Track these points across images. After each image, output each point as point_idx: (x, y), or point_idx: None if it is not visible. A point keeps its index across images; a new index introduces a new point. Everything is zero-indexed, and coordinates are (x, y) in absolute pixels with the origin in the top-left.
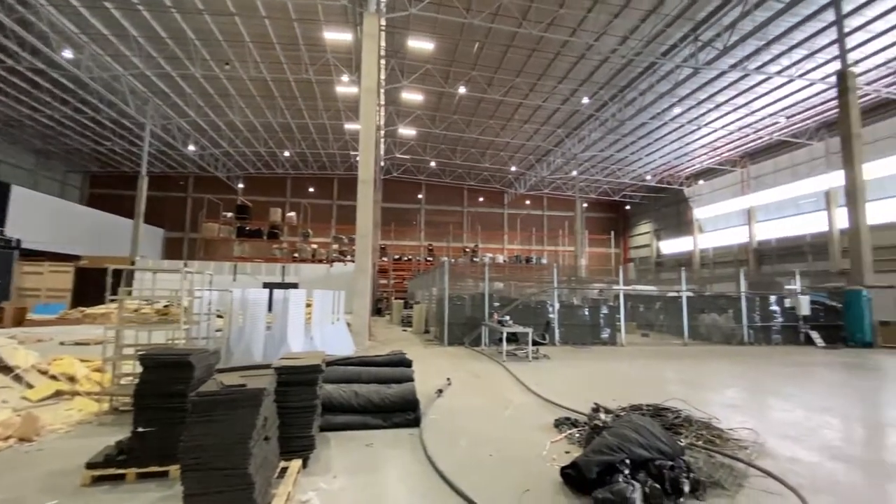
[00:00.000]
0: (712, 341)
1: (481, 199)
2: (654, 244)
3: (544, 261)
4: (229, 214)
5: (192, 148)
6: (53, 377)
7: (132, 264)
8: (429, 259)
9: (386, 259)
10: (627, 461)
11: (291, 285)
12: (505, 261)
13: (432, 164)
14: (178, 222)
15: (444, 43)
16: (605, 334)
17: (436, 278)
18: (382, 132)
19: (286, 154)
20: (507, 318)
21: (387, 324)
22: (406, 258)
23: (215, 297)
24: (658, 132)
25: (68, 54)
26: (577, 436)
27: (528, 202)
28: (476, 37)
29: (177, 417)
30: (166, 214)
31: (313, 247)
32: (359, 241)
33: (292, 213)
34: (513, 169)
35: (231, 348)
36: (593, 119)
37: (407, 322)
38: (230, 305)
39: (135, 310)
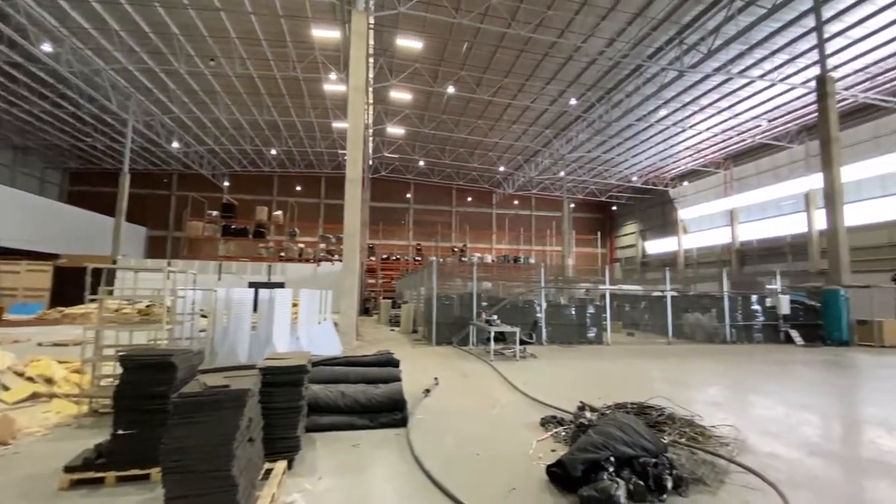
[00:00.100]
0: (696, 340)
1: (470, 198)
2: (640, 244)
3: (532, 261)
4: (214, 213)
5: (176, 145)
6: (30, 379)
7: (114, 263)
8: (417, 258)
9: (374, 258)
10: (612, 459)
11: (277, 285)
12: (493, 260)
13: (421, 163)
14: (162, 220)
15: (432, 42)
16: (592, 333)
17: (424, 278)
18: (371, 131)
19: (273, 152)
20: (495, 317)
21: (375, 323)
22: (394, 258)
23: (199, 297)
24: (644, 134)
25: (47, 48)
26: (563, 434)
27: (516, 202)
28: (465, 36)
29: (158, 419)
30: (149, 212)
31: (300, 246)
32: (346, 240)
33: (279, 212)
34: (501, 169)
35: (215, 349)
36: (581, 120)
37: (395, 322)
38: (214, 305)
39: (116, 310)
